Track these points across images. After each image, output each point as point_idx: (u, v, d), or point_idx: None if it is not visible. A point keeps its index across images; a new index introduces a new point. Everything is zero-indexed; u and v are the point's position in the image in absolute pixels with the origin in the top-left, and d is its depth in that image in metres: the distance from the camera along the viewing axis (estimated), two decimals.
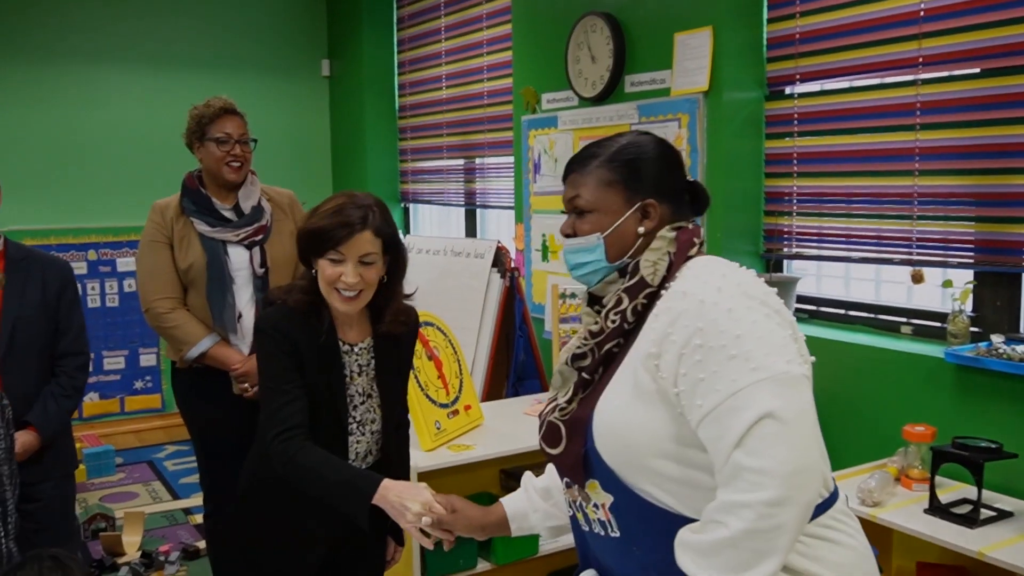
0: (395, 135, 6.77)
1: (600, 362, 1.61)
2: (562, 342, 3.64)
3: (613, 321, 1.60)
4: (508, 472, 3.42)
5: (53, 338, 3.03)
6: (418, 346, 3.21)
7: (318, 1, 7.11)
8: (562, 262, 4.60)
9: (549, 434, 1.66)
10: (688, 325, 1.47)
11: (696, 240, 1.64)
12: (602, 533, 1.63)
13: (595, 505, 1.62)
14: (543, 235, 4.63)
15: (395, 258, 2.28)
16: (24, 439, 2.89)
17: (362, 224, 2.17)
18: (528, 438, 3.30)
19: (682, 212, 1.69)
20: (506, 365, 4.15)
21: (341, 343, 2.29)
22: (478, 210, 5.94)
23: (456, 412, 3.27)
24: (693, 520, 1.50)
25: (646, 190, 1.64)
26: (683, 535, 1.47)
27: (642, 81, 3.98)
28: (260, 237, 3.25)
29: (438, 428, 3.13)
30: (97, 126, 6.38)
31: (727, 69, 3.60)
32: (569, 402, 1.63)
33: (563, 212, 1.73)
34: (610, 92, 4.14)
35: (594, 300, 1.72)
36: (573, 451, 1.61)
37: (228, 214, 3.23)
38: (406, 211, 6.83)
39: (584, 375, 1.63)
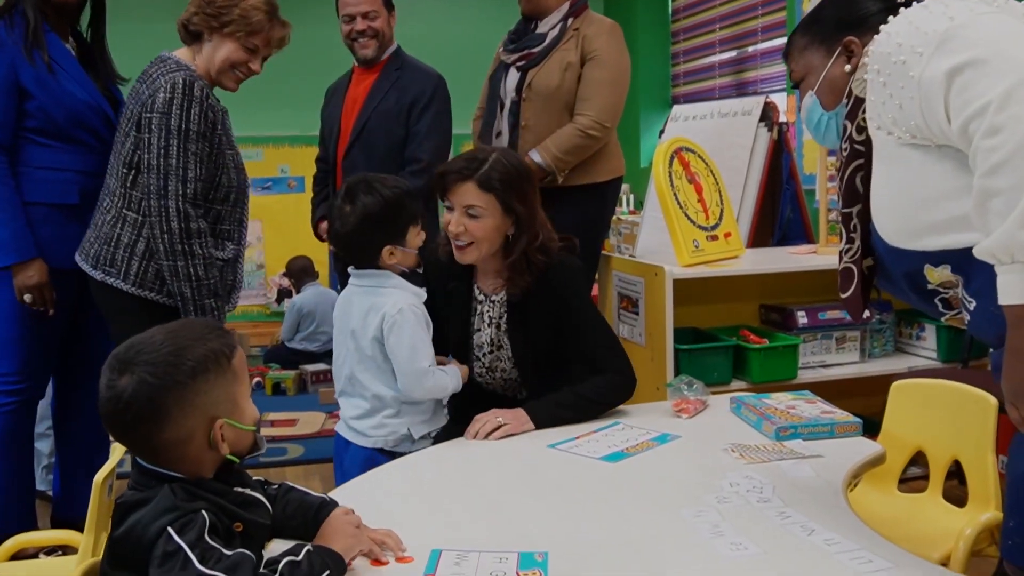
0: (667, 40, 6.76)
1: (848, 190, 1.54)
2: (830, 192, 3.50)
3: (844, 150, 1.54)
4: (769, 307, 3.36)
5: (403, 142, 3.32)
6: (677, 167, 3.24)
7: None
8: None
9: (842, 282, 1.60)
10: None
11: None
12: (968, 318, 1.46)
13: (953, 296, 1.47)
14: None
15: (520, 219, 2.17)
16: None
17: (461, 175, 2.14)
18: (792, 270, 3.24)
19: None
20: (771, 222, 4.06)
21: (477, 290, 2.32)
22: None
23: (715, 237, 3.25)
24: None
25: (839, 32, 1.56)
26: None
27: None
28: (524, 63, 3.36)
29: (696, 247, 3.12)
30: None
31: None
32: (850, 243, 1.56)
33: None
34: None
35: None
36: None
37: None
38: None
39: (844, 210, 1.56)
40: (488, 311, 2.31)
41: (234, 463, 1.33)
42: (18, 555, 2.08)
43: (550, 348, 2.28)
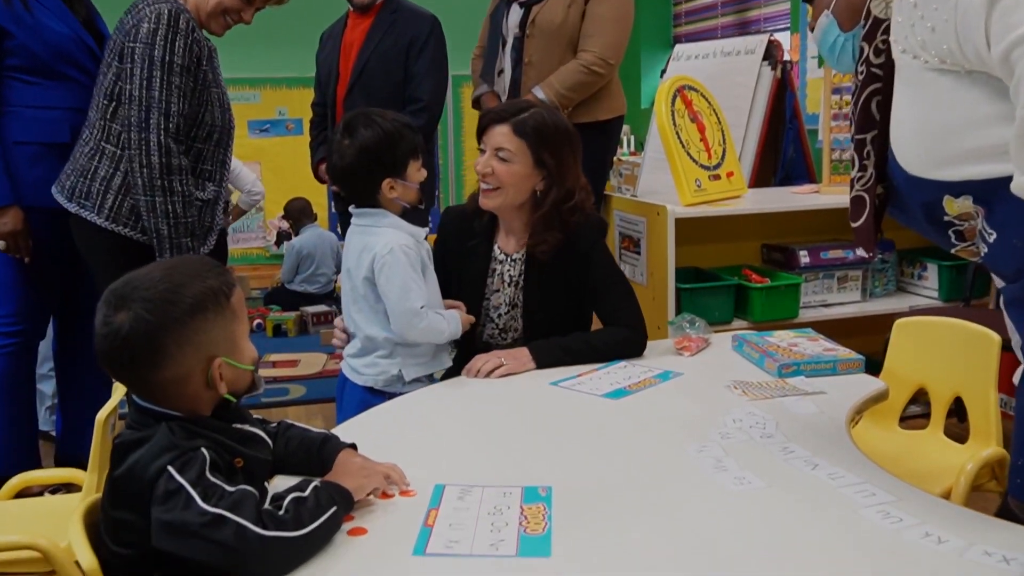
0: None
1: (863, 115, 1.49)
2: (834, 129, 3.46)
3: (860, 73, 1.48)
4: (771, 246, 3.34)
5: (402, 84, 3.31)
6: (680, 106, 3.19)
7: None
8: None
9: (853, 210, 1.56)
10: None
11: None
12: (985, 250, 1.41)
13: (969, 228, 1.43)
14: None
15: (551, 174, 2.15)
16: None
17: (499, 116, 2.15)
18: (795, 209, 3.22)
19: None
20: (773, 161, 4.02)
21: (498, 250, 2.28)
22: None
23: (718, 177, 3.22)
24: None
25: None
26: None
27: None
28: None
29: (698, 186, 3.10)
30: None
31: None
32: (862, 171, 1.51)
33: None
34: None
35: None
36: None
37: None
38: None
39: (858, 136, 1.51)
40: (509, 270, 2.27)
41: (231, 402, 1.31)
42: (23, 493, 2.09)
43: (563, 308, 2.25)
